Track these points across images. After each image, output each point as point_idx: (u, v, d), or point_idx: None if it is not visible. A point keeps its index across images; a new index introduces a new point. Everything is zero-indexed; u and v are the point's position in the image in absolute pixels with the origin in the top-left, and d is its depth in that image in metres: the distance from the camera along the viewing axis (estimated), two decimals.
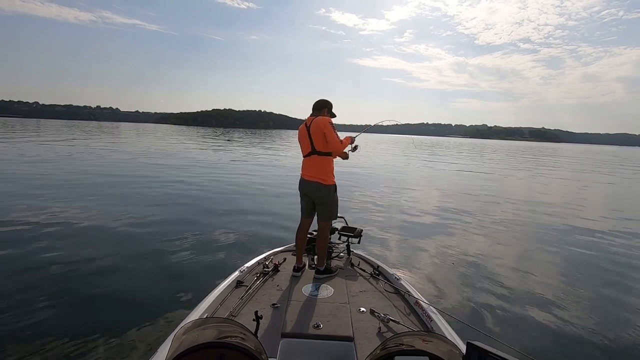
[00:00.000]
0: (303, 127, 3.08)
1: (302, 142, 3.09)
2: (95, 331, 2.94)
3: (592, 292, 4.26)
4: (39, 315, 3.20)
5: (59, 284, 3.81)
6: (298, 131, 3.12)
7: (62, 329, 2.97)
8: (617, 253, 5.83)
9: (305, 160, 3.10)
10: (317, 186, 3.02)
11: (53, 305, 3.37)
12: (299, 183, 3.16)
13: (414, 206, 8.84)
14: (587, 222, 8.03)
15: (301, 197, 3.19)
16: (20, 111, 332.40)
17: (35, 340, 2.81)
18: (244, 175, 12.89)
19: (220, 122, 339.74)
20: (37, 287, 3.69)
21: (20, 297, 3.46)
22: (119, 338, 2.87)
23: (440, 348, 1.24)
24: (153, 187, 9.79)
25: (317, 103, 3.14)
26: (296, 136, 3.20)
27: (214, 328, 1.28)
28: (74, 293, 3.61)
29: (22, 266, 4.16)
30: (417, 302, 2.57)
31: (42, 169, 11.75)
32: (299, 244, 3.16)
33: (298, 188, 3.18)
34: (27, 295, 3.51)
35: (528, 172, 20.44)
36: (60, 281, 3.87)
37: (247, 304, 2.49)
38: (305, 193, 3.13)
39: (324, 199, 3.04)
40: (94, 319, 3.17)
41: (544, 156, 41.49)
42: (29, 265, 4.19)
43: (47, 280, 3.87)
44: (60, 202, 7.38)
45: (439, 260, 5.06)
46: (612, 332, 3.33)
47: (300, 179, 3.14)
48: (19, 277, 3.90)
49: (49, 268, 4.17)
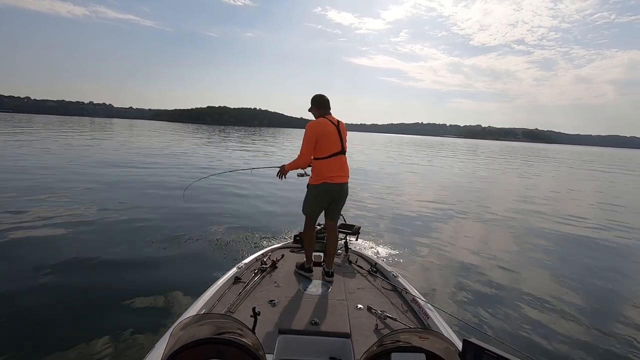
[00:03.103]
0: (331, 125, 2.82)
1: (330, 140, 2.80)
2: (93, 327, 2.93)
3: (588, 289, 4.33)
4: (36, 310, 3.19)
5: (56, 280, 3.78)
6: (319, 128, 2.79)
7: (60, 325, 2.97)
8: (613, 249, 5.96)
9: (334, 160, 2.83)
10: (347, 187, 2.97)
11: (51, 301, 3.36)
12: (329, 187, 2.84)
13: (411, 204, 8.91)
14: (582, 219, 8.16)
15: (323, 201, 2.92)
16: (9, 106, 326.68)
17: (34, 336, 2.80)
18: (239, 173, 12.82)
19: (214, 120, 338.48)
20: (36, 284, 3.67)
21: (19, 296, 3.44)
22: (117, 334, 2.86)
23: (436, 345, 1.25)
24: (148, 183, 9.72)
25: (327, 101, 2.93)
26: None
27: (212, 324, 1.28)
28: (70, 290, 3.59)
29: (21, 264, 4.13)
30: (414, 299, 2.58)
31: (33, 164, 11.60)
32: (312, 246, 3.03)
33: (323, 192, 2.86)
34: (25, 293, 3.48)
35: (523, 171, 20.67)
36: (58, 278, 3.84)
37: (245, 300, 2.49)
38: (335, 197, 2.91)
39: (345, 198, 3.01)
40: (91, 315, 3.15)
41: (537, 157, 41.98)
42: (28, 263, 4.16)
43: (45, 276, 3.84)
44: (56, 198, 7.29)
45: (436, 257, 5.10)
46: (606, 329, 3.39)
47: (332, 183, 2.84)
48: (16, 275, 3.86)
49: (46, 264, 4.14)
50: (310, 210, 2.98)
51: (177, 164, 14.42)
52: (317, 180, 2.87)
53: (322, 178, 2.85)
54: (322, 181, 2.85)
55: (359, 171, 14.84)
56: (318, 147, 2.80)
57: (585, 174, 21.57)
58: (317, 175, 2.88)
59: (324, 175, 2.84)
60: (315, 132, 2.79)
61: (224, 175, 11.56)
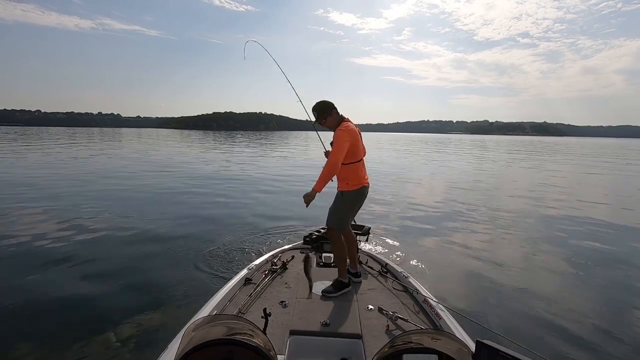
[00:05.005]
0: (357, 130, 2.82)
1: (359, 145, 2.83)
2: (107, 328, 2.99)
3: (605, 289, 4.17)
4: (52, 310, 3.29)
5: (70, 282, 3.88)
6: (353, 134, 2.75)
7: (74, 326, 3.03)
8: (630, 248, 5.72)
9: (362, 163, 2.88)
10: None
11: (64, 301, 3.45)
12: (366, 190, 2.89)
13: (421, 203, 8.80)
14: (598, 216, 7.89)
15: (359, 205, 2.95)
16: (21, 120, 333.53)
17: (47, 336, 2.88)
18: (252, 175, 12.95)
19: (221, 125, 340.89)
20: (50, 284, 3.78)
21: (35, 297, 3.52)
22: (130, 335, 2.91)
23: (449, 346, 1.23)
24: (160, 187, 9.90)
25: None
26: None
27: (223, 325, 1.29)
28: (85, 291, 3.67)
29: (37, 266, 4.21)
30: (425, 299, 2.56)
31: (47, 173, 11.82)
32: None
33: (361, 196, 2.88)
34: (40, 294, 3.57)
35: (534, 167, 20.33)
36: (72, 280, 3.94)
37: (256, 302, 2.51)
38: (363, 200, 2.94)
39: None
40: (105, 317, 3.20)
41: (549, 151, 41.26)
42: (45, 265, 4.28)
43: (60, 278, 3.96)
44: (73, 205, 7.41)
45: (447, 257, 5.03)
46: (625, 330, 3.27)
47: (367, 186, 2.90)
48: (30, 278, 3.94)
49: (62, 267, 4.28)
50: (347, 219, 2.92)
51: (186, 169, 14.55)
52: (355, 186, 2.83)
53: (360, 182, 2.84)
54: (360, 185, 2.84)
55: (369, 171, 14.64)
56: (350, 152, 2.72)
57: (600, 168, 21.12)
58: (353, 180, 2.82)
59: (360, 179, 2.84)
60: (351, 138, 2.71)
61: (234, 179, 11.75)
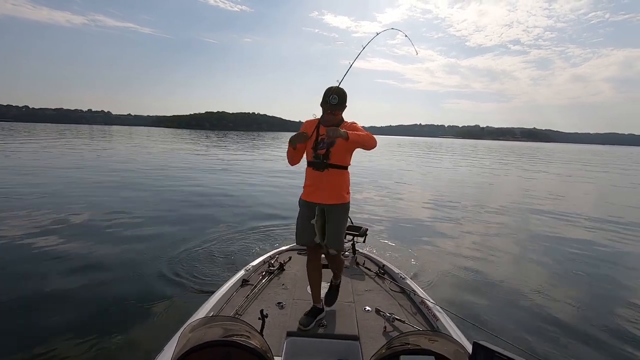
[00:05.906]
0: None
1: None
2: (102, 329, 2.93)
3: (601, 291, 4.22)
4: (46, 313, 3.21)
5: (64, 282, 3.79)
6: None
7: (69, 328, 2.97)
8: (624, 250, 5.82)
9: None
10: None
11: (60, 304, 3.37)
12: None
13: (418, 205, 8.84)
14: (593, 219, 8.04)
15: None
16: (7, 115, 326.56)
17: (44, 338, 2.82)
18: (246, 176, 12.86)
19: (213, 125, 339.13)
20: (44, 286, 3.68)
21: (27, 297, 3.45)
22: (126, 336, 2.87)
23: (446, 348, 1.23)
24: (157, 187, 9.77)
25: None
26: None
27: (220, 326, 1.28)
28: (80, 292, 3.59)
29: (29, 266, 4.13)
30: (422, 301, 2.56)
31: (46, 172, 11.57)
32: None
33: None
34: (34, 295, 3.50)
35: (526, 171, 20.64)
36: (66, 280, 3.85)
37: (253, 303, 2.49)
38: None
39: None
40: (100, 317, 3.15)
41: (537, 156, 41.98)
42: (37, 265, 4.19)
43: (54, 279, 3.86)
44: (67, 202, 7.27)
45: (444, 259, 5.04)
46: (620, 331, 3.31)
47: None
48: (24, 279, 3.86)
49: (55, 266, 4.18)
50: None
51: (183, 169, 14.40)
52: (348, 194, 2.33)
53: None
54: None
55: (365, 173, 14.73)
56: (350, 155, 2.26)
57: (587, 173, 21.55)
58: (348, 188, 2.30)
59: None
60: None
61: (231, 179, 11.67)
